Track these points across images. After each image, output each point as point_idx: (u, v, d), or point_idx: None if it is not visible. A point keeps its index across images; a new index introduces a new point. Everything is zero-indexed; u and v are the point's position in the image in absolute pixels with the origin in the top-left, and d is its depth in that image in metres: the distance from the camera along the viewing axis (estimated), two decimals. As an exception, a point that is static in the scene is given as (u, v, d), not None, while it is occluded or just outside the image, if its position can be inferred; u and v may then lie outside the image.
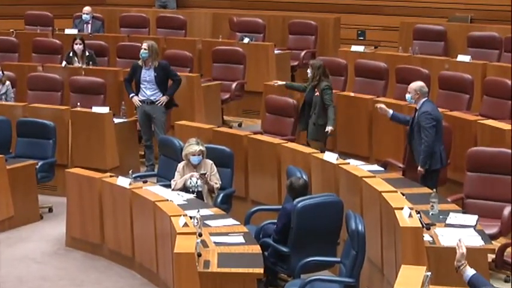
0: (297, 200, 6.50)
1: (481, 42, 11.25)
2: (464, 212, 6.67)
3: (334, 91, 9.48)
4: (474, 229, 6.21)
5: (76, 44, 11.03)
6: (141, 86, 9.48)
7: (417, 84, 7.76)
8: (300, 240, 6.43)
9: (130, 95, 9.60)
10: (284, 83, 9.97)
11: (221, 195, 7.61)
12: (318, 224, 6.44)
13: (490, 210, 7.02)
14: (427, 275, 5.06)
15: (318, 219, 6.44)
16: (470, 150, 7.49)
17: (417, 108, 7.70)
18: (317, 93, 9.04)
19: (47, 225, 8.63)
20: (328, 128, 8.88)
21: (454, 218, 6.36)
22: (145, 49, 9.42)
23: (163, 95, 9.46)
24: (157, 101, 9.43)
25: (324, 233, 6.48)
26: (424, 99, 7.67)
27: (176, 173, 7.67)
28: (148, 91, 9.46)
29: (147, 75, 9.46)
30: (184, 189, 7.57)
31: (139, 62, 9.52)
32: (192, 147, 7.59)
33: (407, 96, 7.79)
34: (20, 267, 7.63)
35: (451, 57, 11.08)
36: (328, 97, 8.99)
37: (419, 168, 7.55)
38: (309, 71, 9.25)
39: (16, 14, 13.51)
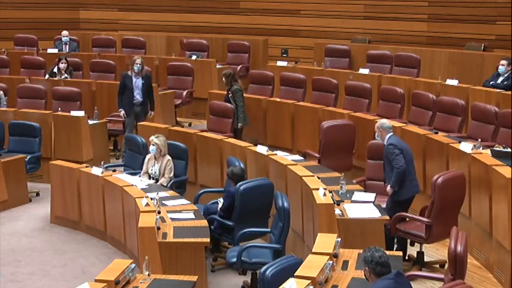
0: (239, 183, 6.47)
1: (377, 59, 11.37)
2: (365, 191, 6.73)
3: (263, 97, 9.43)
4: (373, 204, 6.29)
5: (62, 63, 10.90)
6: (134, 92, 9.52)
7: (379, 123, 6.67)
8: (242, 215, 6.42)
9: (120, 109, 9.56)
10: None
11: (173, 181, 7.52)
12: (256, 201, 6.43)
13: (385, 190, 7.08)
14: (338, 241, 5.14)
15: (256, 198, 6.43)
16: (370, 143, 7.53)
17: (384, 143, 6.58)
18: (230, 95, 9.09)
19: (35, 207, 8.46)
20: (239, 125, 9.03)
21: (358, 195, 6.44)
22: (139, 63, 9.52)
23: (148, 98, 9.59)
24: (146, 109, 9.54)
25: (260, 209, 6.48)
26: (389, 135, 6.59)
27: (144, 164, 7.67)
28: (138, 96, 9.54)
29: (138, 83, 9.54)
30: (147, 176, 7.53)
31: (129, 73, 9.57)
32: (150, 138, 7.61)
33: (376, 136, 6.67)
34: (13, 241, 7.47)
35: (354, 70, 11.20)
36: (238, 98, 9.08)
37: (388, 188, 6.45)
38: (223, 79, 9.30)
39: (6, 37, 13.22)
